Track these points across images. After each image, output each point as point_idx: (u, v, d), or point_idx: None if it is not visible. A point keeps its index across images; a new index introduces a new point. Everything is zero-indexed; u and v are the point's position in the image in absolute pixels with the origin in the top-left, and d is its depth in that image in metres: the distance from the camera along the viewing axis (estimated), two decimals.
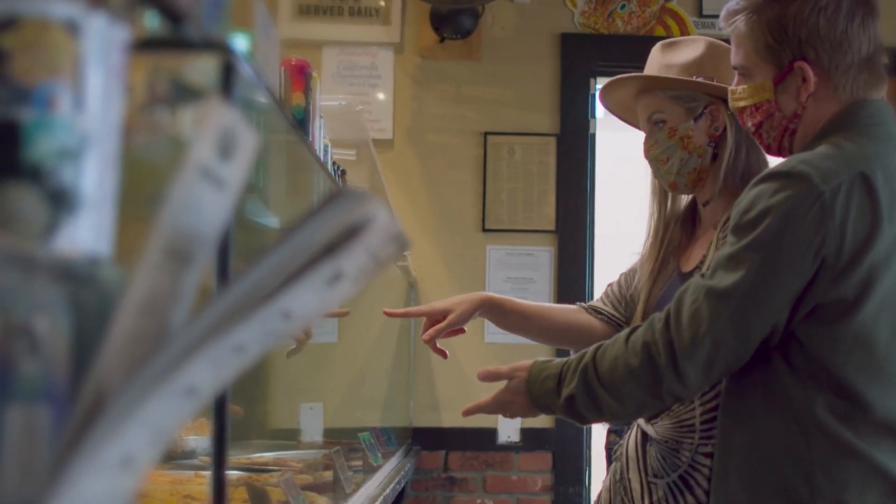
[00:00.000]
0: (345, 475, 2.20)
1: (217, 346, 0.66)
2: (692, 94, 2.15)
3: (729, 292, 1.69)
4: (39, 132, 0.63)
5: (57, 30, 0.64)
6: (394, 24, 3.92)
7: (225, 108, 0.66)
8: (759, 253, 1.68)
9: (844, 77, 1.79)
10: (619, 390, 1.80)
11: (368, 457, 2.76)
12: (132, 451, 0.64)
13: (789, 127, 1.84)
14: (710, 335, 1.69)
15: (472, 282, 3.89)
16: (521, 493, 3.88)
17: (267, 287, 0.68)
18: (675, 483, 2.01)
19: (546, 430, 3.88)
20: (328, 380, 3.02)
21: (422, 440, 3.86)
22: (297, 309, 0.69)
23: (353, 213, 0.69)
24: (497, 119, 3.96)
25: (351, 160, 3.11)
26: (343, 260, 0.68)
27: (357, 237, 0.69)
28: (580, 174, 3.95)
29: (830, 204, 1.65)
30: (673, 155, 2.16)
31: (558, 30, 4.00)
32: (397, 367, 3.78)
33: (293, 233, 0.69)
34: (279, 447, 2.42)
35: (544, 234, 3.94)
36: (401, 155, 3.93)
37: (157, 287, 0.69)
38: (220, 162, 0.68)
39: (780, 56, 1.81)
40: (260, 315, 0.67)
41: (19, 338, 0.63)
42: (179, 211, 0.67)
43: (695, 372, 1.71)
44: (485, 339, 3.91)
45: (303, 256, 0.68)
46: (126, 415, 0.63)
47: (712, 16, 3.93)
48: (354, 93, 3.82)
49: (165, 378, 0.65)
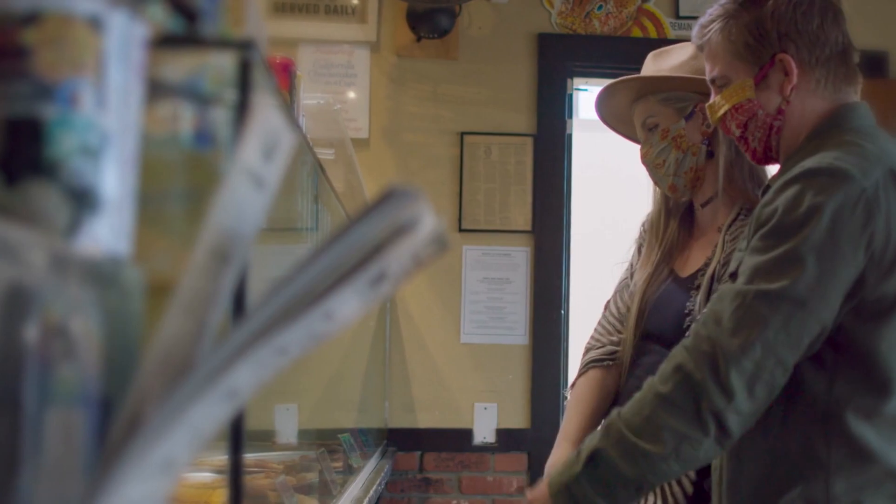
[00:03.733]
0: (330, 477, 2.18)
1: (262, 349, 0.65)
2: (681, 95, 2.19)
3: (783, 294, 1.63)
4: (62, 129, 0.62)
5: (80, 25, 0.62)
6: (370, 22, 3.89)
7: (270, 110, 0.66)
8: (812, 252, 1.63)
9: (823, 70, 1.82)
10: (651, 425, 1.63)
11: (348, 458, 2.74)
12: (173, 454, 0.63)
13: (774, 125, 1.86)
14: (761, 339, 1.62)
15: (447, 282, 3.89)
16: (497, 494, 3.87)
17: (317, 289, 0.66)
18: None
19: (522, 430, 3.89)
20: (303, 381, 2.99)
21: (397, 441, 3.84)
22: (339, 310, 0.67)
23: (402, 212, 0.68)
24: (474, 119, 3.95)
25: (329, 159, 3.09)
26: (388, 261, 0.67)
27: (404, 237, 0.68)
28: (557, 175, 3.94)
29: (874, 199, 1.65)
30: (668, 156, 2.19)
31: (535, 30, 3.99)
32: (372, 368, 3.76)
33: (345, 233, 0.67)
34: (255, 448, 2.40)
35: (521, 234, 3.93)
36: (377, 154, 3.91)
37: (199, 288, 0.68)
38: (263, 162, 0.67)
39: (760, 54, 1.84)
40: (305, 318, 0.66)
41: (57, 339, 0.62)
42: (225, 211, 0.66)
43: (740, 382, 1.61)
44: (460, 340, 3.90)
45: (353, 257, 0.67)
46: (171, 419, 0.62)
47: (689, 17, 3.94)
48: (330, 91, 3.80)
49: (211, 383, 0.64)
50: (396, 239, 0.68)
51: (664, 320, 2.17)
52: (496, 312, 3.90)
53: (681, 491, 2.00)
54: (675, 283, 2.19)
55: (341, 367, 3.41)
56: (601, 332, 2.33)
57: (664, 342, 2.14)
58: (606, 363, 2.28)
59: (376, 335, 3.76)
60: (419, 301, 3.89)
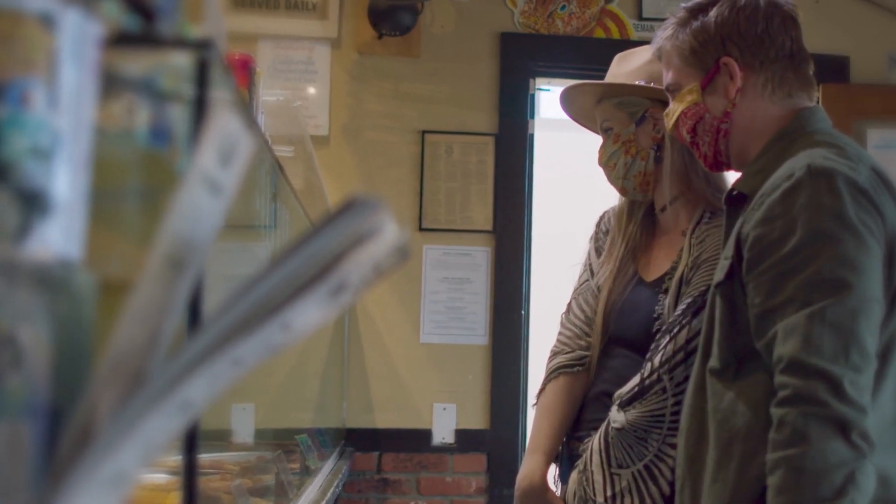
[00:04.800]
0: (288, 479, 2.16)
1: (218, 361, 0.64)
2: (634, 100, 2.23)
3: (855, 298, 1.60)
4: (12, 130, 0.60)
5: (31, 23, 0.61)
6: (331, 18, 3.87)
7: (228, 115, 0.64)
8: (859, 250, 1.61)
9: (770, 74, 1.85)
10: (817, 482, 1.54)
11: (305, 459, 2.72)
12: (124, 468, 0.61)
13: (721, 128, 1.88)
14: (858, 350, 1.58)
15: (407, 281, 3.87)
16: (456, 495, 3.85)
17: (275, 300, 0.65)
18: (640, 473, 2.01)
19: (481, 431, 3.88)
20: (260, 380, 2.97)
21: (355, 441, 3.82)
22: (298, 321, 0.66)
23: (364, 222, 0.66)
24: (435, 117, 3.93)
25: (288, 157, 3.06)
26: (349, 271, 0.66)
27: (365, 247, 0.66)
28: (518, 174, 3.93)
29: (873, 192, 1.67)
30: (618, 160, 2.23)
31: (498, 29, 3.98)
32: (331, 368, 3.73)
33: (305, 243, 0.66)
34: (211, 448, 2.37)
35: (482, 234, 3.92)
36: (337, 152, 3.88)
37: (153, 296, 0.66)
38: (220, 168, 0.65)
39: (705, 58, 1.87)
40: (261, 328, 0.65)
41: (4, 349, 0.60)
42: (181, 219, 0.65)
43: (859, 394, 1.57)
44: (420, 340, 3.89)
45: (314, 268, 0.65)
46: (124, 433, 0.61)
47: (652, 19, 3.95)
48: (290, 88, 3.76)
49: (165, 395, 0.62)
50: (357, 249, 0.66)
51: (632, 324, 2.16)
52: (456, 312, 3.89)
53: (658, 491, 2.00)
54: (642, 287, 2.19)
55: (299, 366, 3.38)
56: (569, 336, 2.30)
57: (632, 346, 2.15)
58: (576, 369, 2.25)
59: (335, 334, 3.73)
60: (378, 300, 3.86)
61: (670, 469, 1.99)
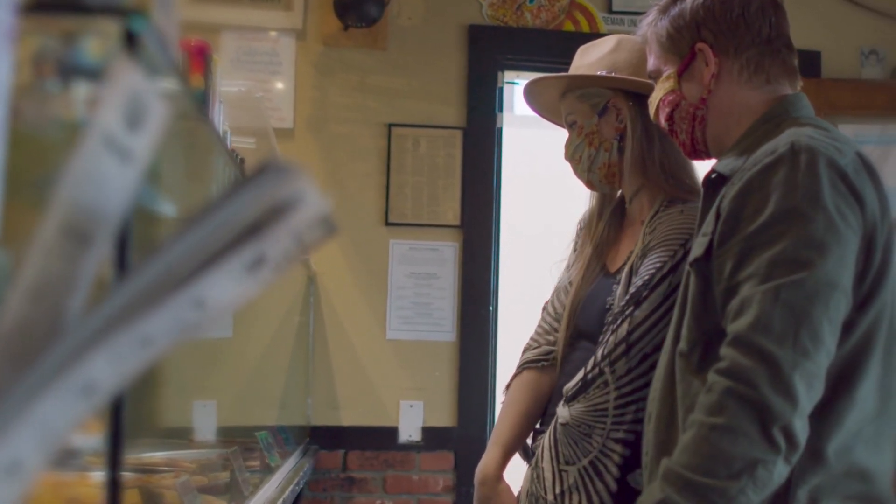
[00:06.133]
0: (242, 476, 2.11)
1: (121, 338, 0.59)
2: (596, 91, 2.22)
3: (815, 279, 1.55)
4: None
5: None
6: (296, 9, 3.81)
7: (134, 72, 0.59)
8: (828, 231, 1.56)
9: (746, 59, 1.82)
10: (719, 460, 1.51)
11: (266, 457, 2.67)
12: (19, 457, 0.56)
13: (697, 115, 1.86)
14: (809, 334, 1.52)
15: (374, 277, 3.83)
16: (423, 494, 3.81)
17: (180, 271, 0.59)
18: (586, 469, 1.98)
19: (448, 429, 3.84)
20: (223, 376, 2.92)
21: (320, 439, 3.77)
22: (213, 297, 0.61)
23: (281, 189, 0.61)
24: (402, 110, 3.89)
25: (250, 149, 3.01)
26: (266, 243, 0.61)
27: (283, 217, 0.61)
28: (486, 169, 3.89)
29: (856, 174, 1.62)
30: (583, 153, 2.22)
31: (466, 21, 3.94)
32: (295, 364, 3.69)
33: (214, 210, 0.60)
34: (170, 446, 2.32)
35: (449, 229, 3.88)
36: (302, 145, 3.83)
37: (51, 270, 0.60)
38: (127, 132, 0.60)
39: (680, 44, 1.86)
40: (171, 304, 0.59)
41: None
42: (79, 184, 0.59)
43: (802, 385, 1.51)
44: (386, 336, 3.84)
45: (223, 237, 0.60)
46: (14, 417, 0.56)
47: (622, 12, 3.92)
48: (254, 80, 3.71)
49: (60, 375, 0.57)
50: (275, 219, 0.61)
51: (591, 316, 2.16)
52: (423, 308, 3.85)
53: (604, 487, 1.96)
54: (603, 278, 2.19)
55: (263, 362, 3.34)
56: (539, 333, 2.31)
57: (591, 338, 2.14)
58: (541, 363, 2.26)
59: (299, 330, 3.68)
60: (344, 296, 3.82)
61: (616, 465, 1.96)
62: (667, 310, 1.92)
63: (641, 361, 1.95)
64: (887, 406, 1.68)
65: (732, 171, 1.73)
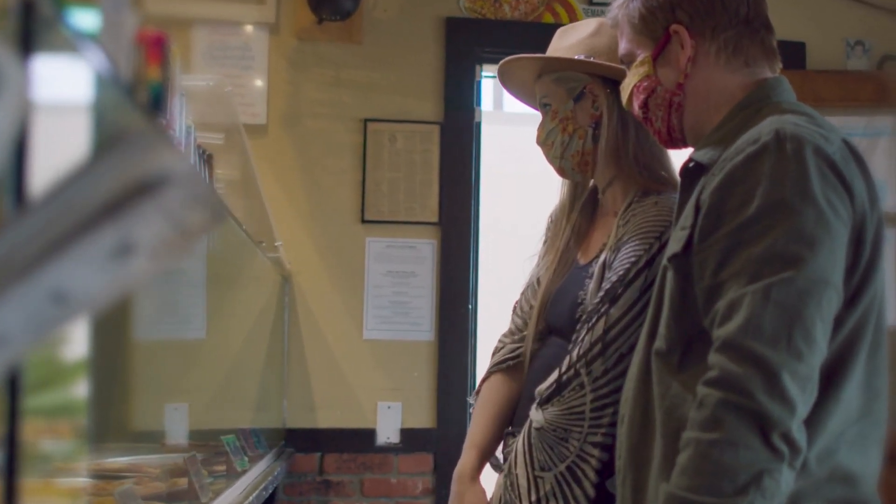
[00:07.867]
0: (201, 482, 2.02)
1: None
2: (572, 76, 2.15)
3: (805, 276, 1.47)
4: None
5: None
6: (269, 3, 3.74)
7: None
8: (817, 225, 1.49)
9: (722, 40, 1.75)
10: (723, 477, 1.44)
11: (233, 461, 2.58)
12: None
13: (673, 101, 1.78)
14: (802, 335, 1.45)
15: (350, 276, 3.77)
16: (401, 497, 3.75)
17: (22, 259, 0.51)
18: (563, 475, 1.91)
19: (427, 430, 3.78)
20: (195, 378, 2.85)
21: (295, 442, 3.71)
22: (74, 289, 0.52)
23: (141, 165, 0.52)
24: (378, 105, 3.82)
25: (219, 145, 2.93)
26: (132, 226, 0.52)
27: (148, 197, 0.52)
28: (465, 164, 3.83)
29: (843, 166, 1.55)
30: (556, 139, 2.16)
31: (443, 14, 3.88)
32: (270, 365, 3.62)
33: (60, 188, 0.52)
34: (139, 451, 2.25)
35: (427, 226, 3.82)
36: (275, 141, 3.76)
37: None
38: None
39: (654, 26, 1.78)
40: (22, 297, 0.51)
41: None
42: None
43: (797, 388, 1.44)
44: (363, 336, 3.79)
45: (72, 219, 0.51)
46: None
47: (602, 3, 3.85)
48: (226, 75, 3.63)
49: None
50: (139, 199, 0.52)
51: (562, 311, 2.10)
52: (401, 307, 3.79)
53: (582, 493, 1.89)
54: (574, 271, 2.14)
55: (237, 363, 3.27)
56: (505, 334, 2.27)
57: (562, 334, 2.07)
58: (508, 363, 2.21)
59: (274, 330, 3.62)
60: (320, 295, 3.76)
61: (594, 470, 1.89)
62: (643, 306, 1.85)
63: (618, 362, 1.88)
64: (872, 407, 1.61)
65: (711, 160, 1.66)
